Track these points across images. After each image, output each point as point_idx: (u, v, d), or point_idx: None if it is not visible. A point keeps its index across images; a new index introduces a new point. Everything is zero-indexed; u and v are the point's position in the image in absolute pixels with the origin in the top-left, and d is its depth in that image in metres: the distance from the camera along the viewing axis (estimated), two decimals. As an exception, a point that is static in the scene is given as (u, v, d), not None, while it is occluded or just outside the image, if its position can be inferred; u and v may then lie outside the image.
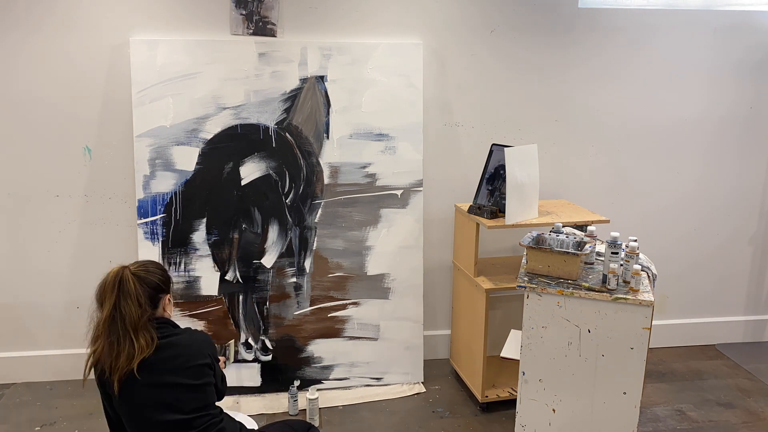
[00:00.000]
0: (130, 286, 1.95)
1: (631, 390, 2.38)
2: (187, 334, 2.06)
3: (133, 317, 1.93)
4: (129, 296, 1.94)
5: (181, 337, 2.03)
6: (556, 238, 2.62)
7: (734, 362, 3.72)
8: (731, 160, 3.73)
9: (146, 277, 2.00)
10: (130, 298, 1.94)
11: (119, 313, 1.93)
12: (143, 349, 1.92)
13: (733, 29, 3.55)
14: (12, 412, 3.11)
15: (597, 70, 3.49)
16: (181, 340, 2.02)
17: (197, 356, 2.02)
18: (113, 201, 3.26)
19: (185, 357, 1.99)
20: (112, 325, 1.93)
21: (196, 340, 2.06)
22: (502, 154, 2.96)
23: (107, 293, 1.95)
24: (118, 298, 1.93)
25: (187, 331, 2.07)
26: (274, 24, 3.16)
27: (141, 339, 1.93)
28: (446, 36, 3.33)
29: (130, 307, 1.93)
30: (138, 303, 1.94)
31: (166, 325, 2.03)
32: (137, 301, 1.94)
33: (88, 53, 3.10)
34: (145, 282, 1.99)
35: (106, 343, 1.93)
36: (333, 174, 3.24)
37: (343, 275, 3.31)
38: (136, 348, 1.92)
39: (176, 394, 1.96)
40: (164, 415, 1.94)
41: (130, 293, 1.94)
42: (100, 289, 1.98)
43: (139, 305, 1.94)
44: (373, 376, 3.39)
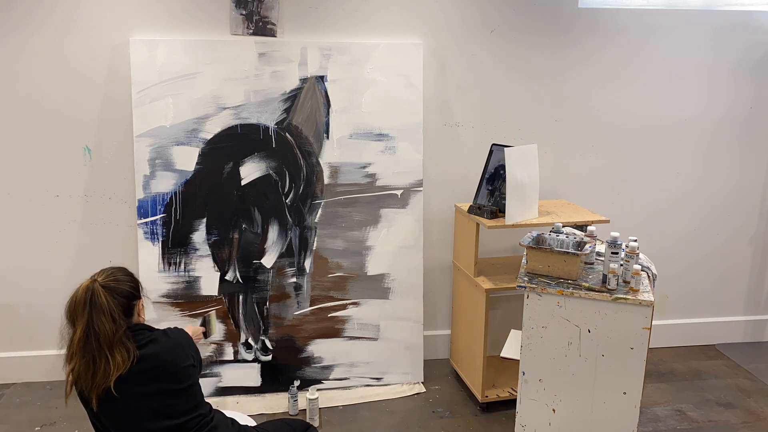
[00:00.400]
0: (102, 300, 1.89)
1: (631, 390, 2.38)
2: (166, 338, 2.00)
3: (108, 334, 1.87)
4: (102, 312, 1.88)
5: (160, 343, 1.97)
6: (556, 238, 2.62)
7: (734, 362, 3.72)
8: (731, 160, 3.73)
9: (117, 287, 1.95)
10: (104, 314, 1.88)
11: (93, 331, 1.86)
12: (119, 366, 1.87)
13: (733, 29, 3.55)
14: (12, 412, 3.11)
15: (597, 70, 3.49)
16: (160, 347, 1.96)
17: (180, 359, 1.98)
18: (113, 201, 3.26)
19: (168, 363, 1.95)
20: (87, 344, 1.87)
21: (176, 343, 2.01)
22: (502, 154, 2.96)
23: (78, 311, 1.89)
24: (91, 315, 1.87)
25: (165, 334, 2.02)
26: (274, 24, 3.16)
27: (117, 355, 1.87)
28: (446, 36, 3.33)
29: (104, 324, 1.87)
30: (112, 318, 1.88)
31: (142, 331, 1.98)
32: (111, 317, 1.88)
33: (88, 53, 3.10)
34: (117, 293, 1.94)
35: (82, 363, 1.88)
36: (333, 174, 3.24)
37: (343, 275, 3.31)
38: (112, 365, 1.86)
39: (165, 400, 1.94)
40: (157, 422, 1.93)
41: (102, 309, 1.88)
42: (70, 306, 1.92)
43: (113, 320, 1.88)
44: (373, 376, 3.39)
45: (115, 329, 1.89)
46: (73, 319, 1.91)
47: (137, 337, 1.95)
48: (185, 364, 1.99)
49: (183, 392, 1.97)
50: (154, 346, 1.96)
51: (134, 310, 2.01)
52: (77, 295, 1.91)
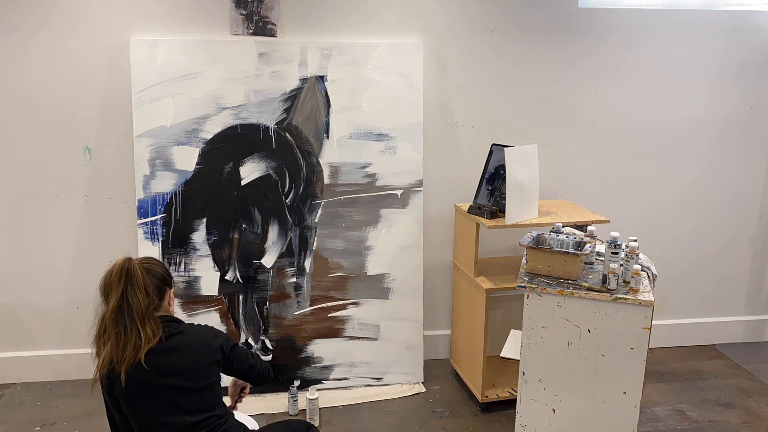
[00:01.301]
0: (138, 275, 1.93)
1: (631, 390, 2.38)
2: (193, 332, 2.02)
3: (141, 306, 1.91)
4: (137, 285, 1.92)
5: (188, 336, 1.99)
6: (556, 238, 2.62)
7: (734, 362, 3.72)
8: (732, 160, 3.73)
9: (151, 268, 2.00)
10: (138, 287, 1.92)
11: (126, 302, 1.91)
12: (150, 339, 1.90)
13: (734, 29, 3.55)
14: (12, 412, 3.11)
15: (597, 70, 3.49)
16: (187, 340, 1.98)
17: (203, 356, 1.99)
18: (113, 201, 3.26)
19: (192, 357, 1.97)
20: (119, 316, 1.91)
21: (201, 339, 2.02)
22: (502, 154, 2.96)
23: (114, 284, 1.93)
24: (126, 288, 1.91)
25: (193, 328, 2.04)
26: (274, 24, 3.16)
27: (148, 328, 1.91)
28: (446, 36, 3.33)
29: (138, 296, 1.91)
30: (146, 292, 1.93)
31: (171, 323, 2.00)
32: (145, 291, 1.93)
33: (89, 53, 3.10)
34: (151, 273, 1.99)
35: (113, 335, 1.91)
36: (333, 174, 3.24)
37: (343, 275, 3.31)
38: (143, 338, 1.90)
39: (184, 395, 1.94)
40: (173, 416, 1.93)
41: (137, 282, 1.92)
42: (106, 280, 1.96)
43: (146, 294, 1.93)
44: (373, 376, 3.39)
45: (148, 303, 1.94)
46: (108, 293, 1.95)
47: (167, 326, 1.98)
48: (207, 361, 2.00)
49: (202, 390, 1.98)
50: (180, 338, 1.98)
51: (165, 296, 2.05)
52: (113, 270, 1.95)
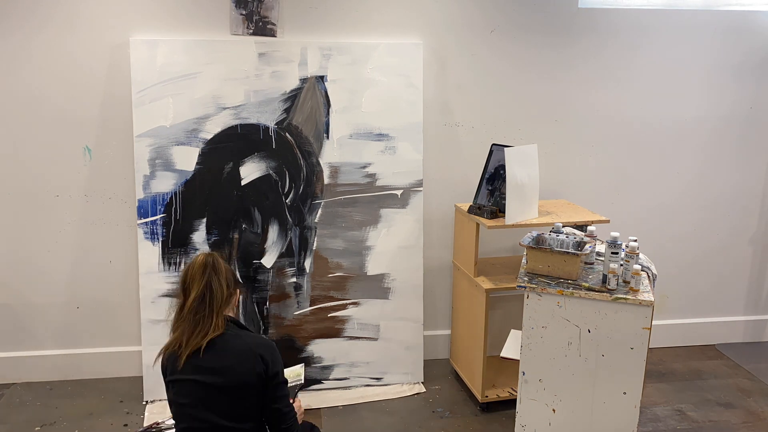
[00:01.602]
0: (221, 266, 2.01)
1: (631, 390, 2.38)
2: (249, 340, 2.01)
3: (222, 296, 1.98)
4: (221, 274, 2.00)
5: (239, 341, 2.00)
6: (556, 238, 2.62)
7: (734, 362, 3.72)
8: (731, 160, 3.73)
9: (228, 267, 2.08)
10: (222, 277, 2.00)
11: (210, 290, 1.97)
12: (217, 328, 1.96)
13: (733, 29, 3.55)
14: (12, 412, 3.11)
15: (597, 70, 3.49)
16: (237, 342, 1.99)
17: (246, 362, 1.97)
18: (113, 201, 3.26)
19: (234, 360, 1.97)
20: (201, 305, 1.96)
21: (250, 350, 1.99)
22: (502, 154, 2.96)
23: (197, 274, 1.99)
24: (211, 277, 1.98)
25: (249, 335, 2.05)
26: (274, 24, 3.16)
27: (219, 319, 1.98)
28: (446, 36, 3.33)
29: (221, 285, 1.98)
30: (227, 283, 2.01)
31: (230, 323, 2.05)
32: (226, 281, 2.01)
33: (88, 53, 3.10)
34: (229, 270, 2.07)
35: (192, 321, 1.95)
36: (333, 174, 3.24)
37: (343, 275, 3.31)
38: (212, 326, 1.96)
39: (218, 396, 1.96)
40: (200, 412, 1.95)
41: (221, 272, 2.00)
42: (188, 272, 2.01)
43: (227, 285, 2.01)
44: (373, 376, 3.39)
45: (228, 295, 2.01)
46: (190, 285, 1.99)
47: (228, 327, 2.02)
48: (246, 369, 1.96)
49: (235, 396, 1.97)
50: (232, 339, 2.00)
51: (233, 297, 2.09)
52: (196, 261, 2.02)
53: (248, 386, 1.97)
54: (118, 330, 3.38)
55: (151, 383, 3.16)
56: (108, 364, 3.39)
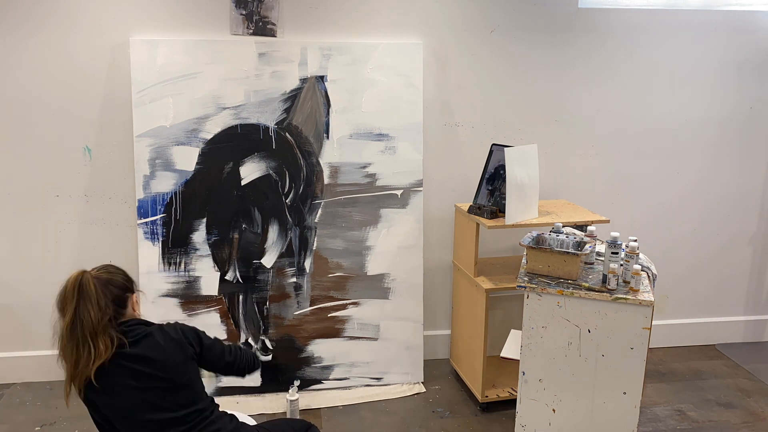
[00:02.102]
0: (91, 289, 1.90)
1: (631, 390, 2.38)
2: (161, 333, 1.99)
3: (92, 321, 1.88)
4: (89, 300, 1.89)
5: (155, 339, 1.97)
6: (556, 238, 2.62)
7: (734, 362, 3.72)
8: (731, 160, 3.73)
9: (109, 278, 1.97)
10: (91, 303, 1.88)
11: (78, 318, 1.88)
12: (101, 355, 1.87)
13: (734, 29, 3.55)
14: (12, 412, 3.11)
15: (597, 70, 3.49)
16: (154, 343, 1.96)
17: (175, 355, 1.97)
18: (113, 201, 3.26)
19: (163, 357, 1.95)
20: (72, 332, 1.88)
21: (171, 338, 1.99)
22: (502, 154, 2.96)
23: (68, 300, 1.90)
24: (78, 303, 1.89)
25: (161, 330, 2.01)
26: (274, 24, 3.16)
27: (100, 344, 1.88)
28: (446, 36, 3.33)
29: (89, 311, 1.88)
30: (98, 306, 1.89)
31: (137, 326, 1.98)
32: (97, 305, 1.89)
33: (89, 53, 3.10)
34: (109, 283, 1.96)
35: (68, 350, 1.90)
36: (333, 174, 3.24)
37: (343, 275, 3.31)
38: (94, 354, 1.87)
39: (161, 393, 1.94)
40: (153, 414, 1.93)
41: (90, 297, 1.89)
42: (60, 296, 1.93)
43: (99, 308, 1.89)
44: (373, 376, 3.39)
45: (101, 317, 1.89)
46: (63, 309, 1.92)
47: (132, 332, 1.95)
48: (180, 359, 1.98)
49: (180, 387, 1.97)
50: (148, 341, 1.96)
51: (128, 303, 2.02)
52: (67, 285, 1.92)
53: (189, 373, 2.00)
54: (118, 330, 3.38)
55: (151, 383, 3.16)
56: (108, 364, 3.39)
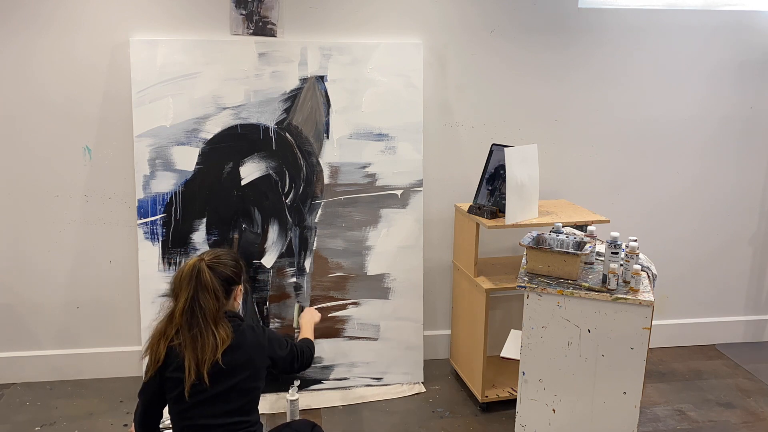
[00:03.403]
0: (206, 278, 2.00)
1: (631, 390, 2.38)
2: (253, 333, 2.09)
3: (212, 309, 1.98)
4: (206, 289, 1.99)
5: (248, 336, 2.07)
6: (556, 238, 2.62)
7: (734, 362, 3.72)
8: (731, 160, 3.73)
9: (221, 270, 2.06)
10: (207, 291, 1.99)
11: (198, 305, 1.97)
12: (224, 340, 1.98)
13: (733, 29, 3.55)
14: (12, 412, 3.11)
15: (597, 70, 3.49)
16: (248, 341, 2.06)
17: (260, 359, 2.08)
18: (113, 201, 3.26)
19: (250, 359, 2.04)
20: (192, 318, 1.97)
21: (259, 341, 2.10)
22: (502, 154, 2.96)
23: (183, 284, 2.00)
24: (196, 291, 1.98)
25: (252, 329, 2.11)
26: (274, 24, 3.16)
27: (221, 330, 1.99)
28: (446, 36, 3.33)
29: (207, 300, 1.98)
30: (215, 295, 2.00)
31: (234, 318, 2.08)
32: (214, 294, 2.00)
33: (88, 53, 3.10)
34: (219, 274, 2.05)
35: (188, 337, 1.97)
36: (333, 174, 3.24)
37: (343, 275, 3.31)
38: (218, 339, 1.97)
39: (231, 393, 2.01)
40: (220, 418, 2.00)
41: (207, 286, 1.99)
42: (176, 279, 2.03)
43: (215, 298, 2.00)
44: (373, 376, 3.39)
45: (218, 306, 2.01)
46: (177, 292, 2.01)
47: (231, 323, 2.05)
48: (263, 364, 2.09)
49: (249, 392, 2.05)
50: (242, 337, 2.05)
51: (232, 295, 2.12)
52: (183, 270, 2.02)
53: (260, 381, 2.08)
54: (117, 330, 3.38)
55: (151, 383, 3.16)
56: (108, 364, 3.39)
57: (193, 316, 1.97)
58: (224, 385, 1.99)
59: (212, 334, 1.96)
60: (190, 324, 1.97)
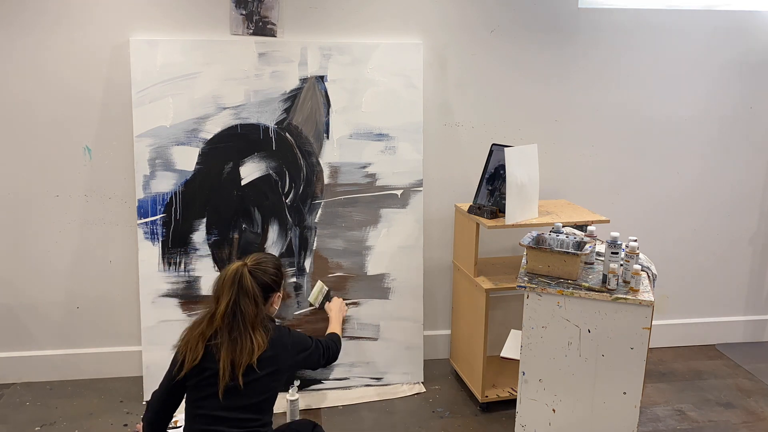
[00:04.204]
0: (248, 284, 2.05)
1: (631, 390, 2.38)
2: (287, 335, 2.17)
3: (251, 315, 2.04)
4: (247, 295, 2.04)
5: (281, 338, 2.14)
6: (556, 238, 2.62)
7: (734, 362, 3.72)
8: (732, 160, 3.73)
9: (261, 276, 2.12)
10: (248, 297, 2.04)
11: (239, 309, 2.03)
12: (260, 346, 2.03)
13: (733, 29, 3.55)
14: (12, 412, 3.11)
15: (597, 69, 3.49)
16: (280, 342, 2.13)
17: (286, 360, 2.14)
18: (113, 201, 3.26)
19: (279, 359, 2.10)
20: (233, 321, 2.02)
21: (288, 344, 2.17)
22: (502, 154, 2.96)
23: (225, 288, 2.05)
24: (237, 296, 2.03)
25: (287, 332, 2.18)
26: (274, 24, 3.16)
27: (258, 336, 2.04)
28: (446, 36, 3.33)
29: (248, 305, 2.03)
30: (255, 302, 2.06)
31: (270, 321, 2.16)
32: (254, 301, 2.06)
33: (89, 53, 3.10)
34: (262, 283, 2.11)
35: (228, 339, 2.01)
36: (333, 174, 3.24)
37: (343, 275, 3.30)
38: (255, 344, 2.02)
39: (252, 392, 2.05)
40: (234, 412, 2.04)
41: (248, 292, 2.05)
42: (219, 282, 2.08)
43: (255, 304, 2.06)
44: (373, 376, 3.39)
45: (257, 312, 2.07)
46: (219, 295, 2.07)
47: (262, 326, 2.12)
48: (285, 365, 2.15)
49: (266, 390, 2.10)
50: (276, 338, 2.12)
51: (270, 301, 2.19)
52: (226, 274, 2.08)
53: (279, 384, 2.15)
54: (118, 330, 3.38)
55: (151, 383, 3.16)
56: (108, 364, 3.39)
57: (234, 320, 2.02)
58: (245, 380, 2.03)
59: (250, 338, 2.01)
60: (231, 327, 2.02)
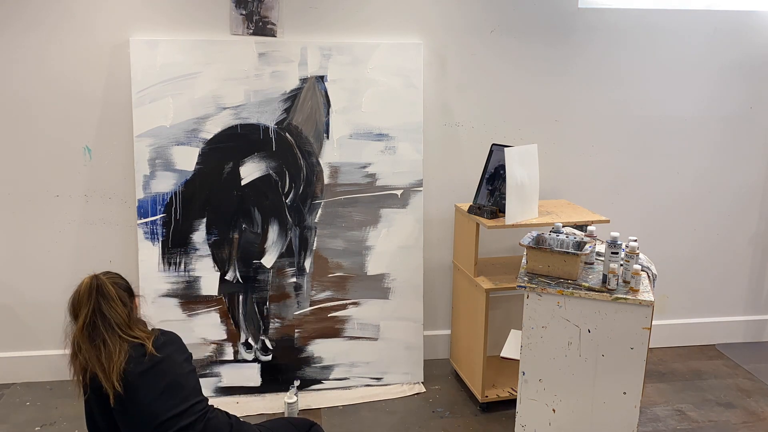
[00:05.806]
0: (109, 289, 2.00)
1: (631, 390, 2.38)
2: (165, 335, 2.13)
3: (121, 317, 1.99)
4: (111, 299, 1.99)
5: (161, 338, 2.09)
6: (556, 238, 2.62)
7: (734, 362, 3.72)
8: (732, 160, 3.73)
9: (119, 281, 2.09)
10: (113, 301, 1.99)
11: (102, 316, 1.97)
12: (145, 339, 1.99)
13: (733, 29, 3.55)
14: (12, 412, 3.11)
15: (597, 69, 3.49)
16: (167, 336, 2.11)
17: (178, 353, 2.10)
18: (113, 201, 3.26)
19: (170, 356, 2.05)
20: (95, 330, 1.96)
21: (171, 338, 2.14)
22: (502, 154, 2.96)
23: (83, 300, 1.99)
24: (98, 303, 1.98)
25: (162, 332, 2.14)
26: (274, 24, 3.16)
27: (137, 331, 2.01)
28: (446, 36, 3.33)
29: (115, 309, 1.98)
30: (122, 302, 2.01)
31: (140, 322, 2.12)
32: (120, 302, 2.01)
33: (88, 53, 3.10)
34: (120, 285, 2.07)
35: (92, 348, 1.95)
36: (333, 174, 3.24)
37: (343, 275, 3.30)
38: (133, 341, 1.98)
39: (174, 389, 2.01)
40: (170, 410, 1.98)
41: (111, 296, 1.99)
42: (75, 298, 2.02)
43: (123, 305, 2.01)
44: (373, 376, 3.39)
45: (128, 312, 2.02)
46: (77, 311, 2.00)
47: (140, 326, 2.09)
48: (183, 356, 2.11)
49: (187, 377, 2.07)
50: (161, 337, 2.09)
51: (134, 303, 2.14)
52: (81, 288, 2.01)
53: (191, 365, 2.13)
54: (118, 330, 3.38)
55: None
56: (108, 364, 3.39)
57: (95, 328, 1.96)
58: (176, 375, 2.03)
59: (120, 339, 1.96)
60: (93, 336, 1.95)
